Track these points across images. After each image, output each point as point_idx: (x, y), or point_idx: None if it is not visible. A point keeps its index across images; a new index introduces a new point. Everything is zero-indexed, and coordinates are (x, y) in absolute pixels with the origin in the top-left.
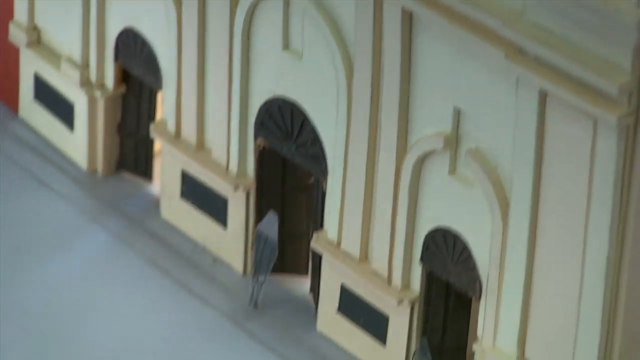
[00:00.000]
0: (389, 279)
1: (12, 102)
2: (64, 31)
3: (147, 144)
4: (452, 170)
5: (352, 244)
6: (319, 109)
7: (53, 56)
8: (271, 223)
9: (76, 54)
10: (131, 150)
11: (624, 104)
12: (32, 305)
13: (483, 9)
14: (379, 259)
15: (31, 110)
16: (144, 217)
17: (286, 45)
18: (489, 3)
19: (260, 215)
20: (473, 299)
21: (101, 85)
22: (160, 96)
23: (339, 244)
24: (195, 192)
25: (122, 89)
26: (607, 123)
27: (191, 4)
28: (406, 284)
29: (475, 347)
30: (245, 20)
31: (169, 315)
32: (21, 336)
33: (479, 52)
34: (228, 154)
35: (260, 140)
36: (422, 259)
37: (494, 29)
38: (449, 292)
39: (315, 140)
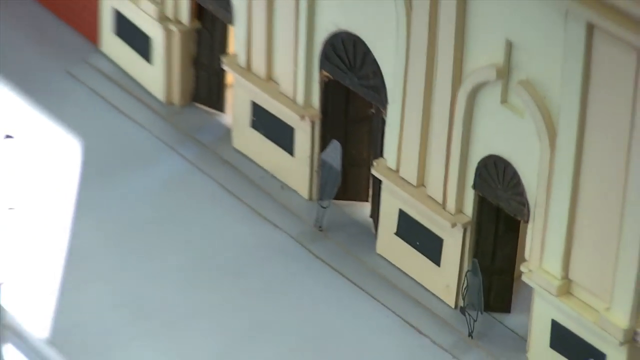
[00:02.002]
0: (444, 204)
1: (93, 36)
2: None
3: (220, 77)
4: (504, 99)
5: (409, 171)
6: (380, 42)
7: None
8: (335, 151)
9: None
10: (205, 83)
11: None
12: (115, 218)
13: None
14: (434, 185)
15: (111, 44)
16: (217, 145)
17: None
18: None
19: (324, 144)
20: (521, 223)
21: (177, 20)
22: (232, 31)
23: (397, 170)
24: (264, 122)
25: (197, 23)
26: None
27: None
28: (459, 209)
29: (523, 267)
30: None
31: (239, 236)
32: (105, 242)
33: None
34: (295, 85)
35: (324, 73)
36: (474, 184)
37: None
38: (499, 216)
39: (376, 72)
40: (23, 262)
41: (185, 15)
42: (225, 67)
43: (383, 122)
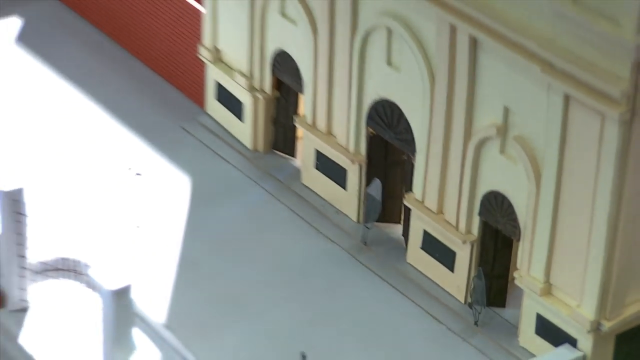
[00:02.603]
0: (457, 226)
1: (200, 101)
2: (236, 52)
3: (292, 131)
4: (502, 150)
5: (431, 202)
6: (411, 107)
7: (229, 69)
8: (377, 187)
9: (245, 68)
10: (281, 135)
11: (624, 104)
12: (216, 234)
13: (524, 36)
14: (450, 212)
15: (214, 107)
16: (289, 181)
17: (389, 62)
18: (528, 32)
19: (369, 181)
20: (514, 241)
21: (262, 90)
22: (301, 98)
23: (422, 201)
24: (324, 165)
25: (276, 92)
26: (611, 117)
27: (323, 32)
28: (468, 230)
29: (515, 274)
30: (361, 43)
31: (305, 248)
32: (208, 253)
33: (522, 67)
34: (347, 138)
35: (370, 129)
36: (480, 212)
37: (532, 50)
38: (498, 236)
39: (407, 129)
40: (149, 267)
41: (267, 86)
42: (296, 124)
43: (412, 166)
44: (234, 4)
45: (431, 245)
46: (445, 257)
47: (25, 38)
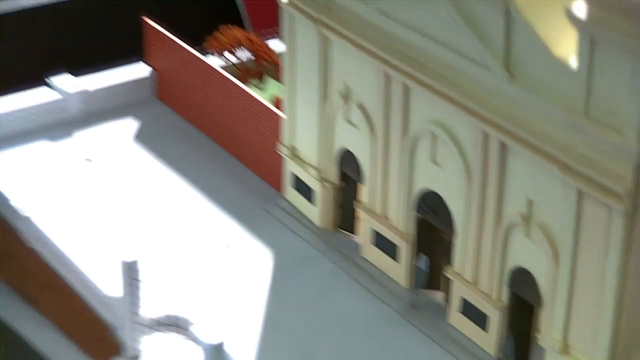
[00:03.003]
0: (490, 295)
1: (279, 188)
2: (309, 150)
3: (354, 213)
4: (527, 234)
5: (468, 274)
6: (451, 197)
7: (303, 163)
8: (423, 260)
9: (316, 162)
10: (345, 216)
11: (627, 199)
12: (288, 300)
13: (545, 142)
14: (484, 283)
15: (290, 193)
16: (352, 254)
17: (433, 160)
18: (548, 138)
19: (417, 255)
20: (536, 307)
21: (329, 181)
22: (361, 187)
23: (461, 273)
24: (381, 242)
25: (341, 183)
26: (617, 210)
27: (380, 135)
28: (499, 298)
29: (538, 335)
30: (411, 144)
31: (362, 307)
32: (285, 314)
33: (543, 166)
34: (399, 221)
35: (418, 215)
36: (509, 284)
37: (552, 153)
38: (523, 303)
39: (448, 214)
40: (238, 324)
41: (334, 177)
42: (357, 208)
43: (452, 244)
44: (308, 112)
45: (468, 309)
46: (480, 319)
47: (139, 135)
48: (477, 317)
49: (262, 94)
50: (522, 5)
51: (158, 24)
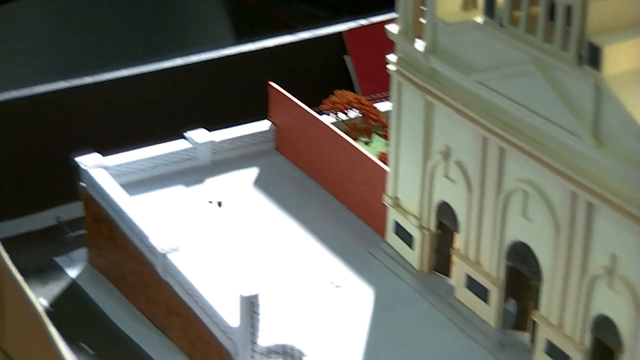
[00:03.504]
0: (573, 338)
1: (383, 233)
2: (411, 201)
3: (449, 258)
4: (610, 285)
5: (554, 318)
6: (540, 249)
7: (404, 212)
8: (512, 304)
9: (416, 212)
10: (441, 261)
11: None
12: (387, 335)
13: (627, 202)
14: (569, 327)
15: (392, 238)
16: (446, 296)
17: (524, 214)
18: (631, 199)
19: (506, 299)
20: (617, 352)
21: (427, 228)
22: (457, 235)
23: (547, 317)
24: (473, 285)
25: (438, 230)
26: None
27: (475, 190)
28: (582, 342)
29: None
30: (504, 200)
31: (456, 346)
32: (385, 348)
33: (625, 225)
34: (491, 268)
35: (508, 262)
36: (591, 329)
37: (635, 213)
38: (604, 347)
39: (536, 264)
40: (342, 357)
41: (432, 226)
42: (452, 254)
43: (539, 291)
44: (411, 167)
45: (553, 351)
46: None
47: (260, 182)
48: (561, 359)
49: (369, 150)
50: (610, 80)
51: (283, 87)
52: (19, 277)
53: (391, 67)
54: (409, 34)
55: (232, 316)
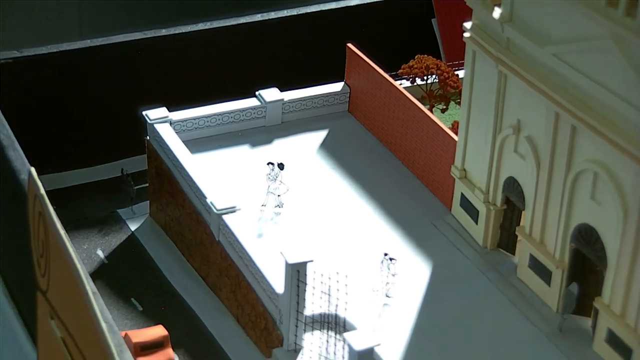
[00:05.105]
0: (636, 329)
1: (449, 205)
2: (478, 174)
3: (514, 236)
4: None
5: (616, 306)
6: (606, 233)
7: (471, 185)
8: (574, 288)
9: (483, 186)
10: (505, 238)
11: None
12: (443, 312)
13: None
14: (630, 317)
15: (457, 211)
16: (508, 274)
17: (592, 197)
18: None
19: (569, 282)
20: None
21: (494, 203)
22: (523, 213)
23: (609, 305)
24: (536, 266)
25: (504, 206)
26: None
27: (544, 168)
28: None
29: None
30: (573, 180)
31: (513, 329)
32: (439, 326)
33: None
34: (555, 249)
35: (572, 245)
36: None
37: None
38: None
39: (602, 248)
40: (393, 333)
41: (499, 201)
42: (517, 233)
43: (603, 276)
44: (481, 139)
45: (614, 340)
46: (626, 352)
47: (329, 145)
48: (622, 350)
49: (444, 117)
50: None
51: (367, 50)
52: (62, 231)
53: (466, 35)
54: (487, 0)
55: (280, 282)
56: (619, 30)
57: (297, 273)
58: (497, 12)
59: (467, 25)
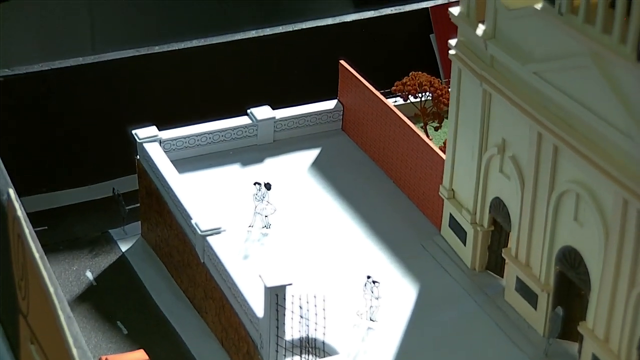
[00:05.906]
0: (619, 355)
1: (439, 225)
2: (465, 194)
3: (502, 258)
4: None
5: (600, 331)
6: (589, 255)
7: (459, 206)
8: (559, 311)
9: (470, 207)
10: (493, 260)
11: None
12: (428, 334)
13: None
14: (614, 343)
15: (447, 232)
16: (495, 296)
17: (575, 218)
18: None
19: (554, 306)
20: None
21: (481, 225)
22: (509, 234)
23: (593, 330)
24: (522, 288)
25: (491, 227)
26: None
27: (528, 188)
28: (628, 358)
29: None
30: (556, 201)
31: (499, 353)
32: (423, 349)
33: None
34: (540, 272)
35: (557, 267)
36: (638, 346)
37: None
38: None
39: (585, 272)
40: (375, 355)
41: (486, 222)
42: (504, 255)
43: (587, 300)
44: (467, 158)
45: None
46: None
47: (321, 162)
48: None
49: (437, 136)
50: None
51: (362, 67)
52: (37, 255)
53: (451, 52)
54: (471, 17)
55: (260, 306)
56: (597, 47)
57: (275, 297)
58: (480, 29)
59: (452, 42)
